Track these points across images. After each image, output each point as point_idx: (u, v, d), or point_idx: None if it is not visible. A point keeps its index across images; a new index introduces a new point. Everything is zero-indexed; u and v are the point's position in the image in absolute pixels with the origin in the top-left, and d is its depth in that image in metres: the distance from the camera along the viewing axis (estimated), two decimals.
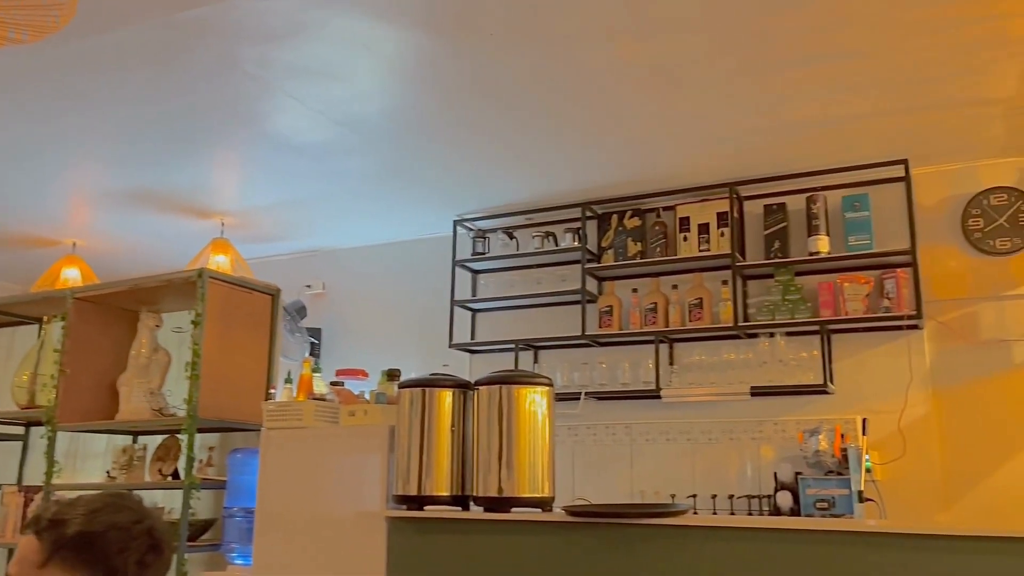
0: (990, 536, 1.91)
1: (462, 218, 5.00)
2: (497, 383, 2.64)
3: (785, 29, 2.95)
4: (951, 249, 4.06)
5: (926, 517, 3.78)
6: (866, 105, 3.53)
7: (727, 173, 4.29)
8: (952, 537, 1.95)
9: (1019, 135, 3.78)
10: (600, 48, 3.10)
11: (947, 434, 3.89)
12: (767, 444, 4.19)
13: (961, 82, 3.32)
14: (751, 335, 4.25)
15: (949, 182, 4.11)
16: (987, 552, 1.91)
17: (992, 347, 3.89)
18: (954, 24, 2.90)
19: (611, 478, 4.47)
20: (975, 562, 1.92)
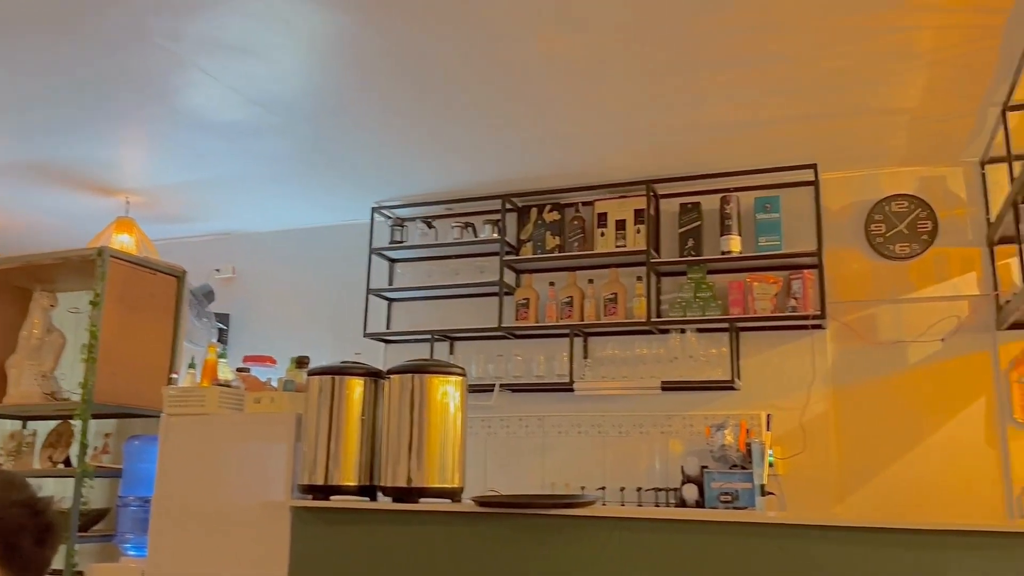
0: (880, 528, 1.98)
1: (380, 205, 4.93)
2: (410, 372, 2.60)
3: (705, 30, 2.99)
4: (854, 253, 4.21)
5: (823, 509, 3.93)
6: (780, 109, 3.62)
7: (645, 171, 4.35)
8: (844, 528, 2.02)
9: (921, 145, 3.95)
10: (525, 39, 3.09)
11: (844, 431, 4.04)
12: (675, 438, 4.27)
13: (870, 91, 3.44)
14: (663, 331, 4.32)
15: (855, 188, 4.27)
16: (877, 543, 1.99)
17: (889, 348, 4.06)
18: (866, 34, 3.00)
19: (523, 470, 4.49)
20: (866, 552, 2.00)
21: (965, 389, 3.92)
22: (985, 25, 2.91)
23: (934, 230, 4.09)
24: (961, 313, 3.99)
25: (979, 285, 3.99)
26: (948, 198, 4.12)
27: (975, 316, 3.96)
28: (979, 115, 3.62)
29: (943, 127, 3.76)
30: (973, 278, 4.01)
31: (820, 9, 2.84)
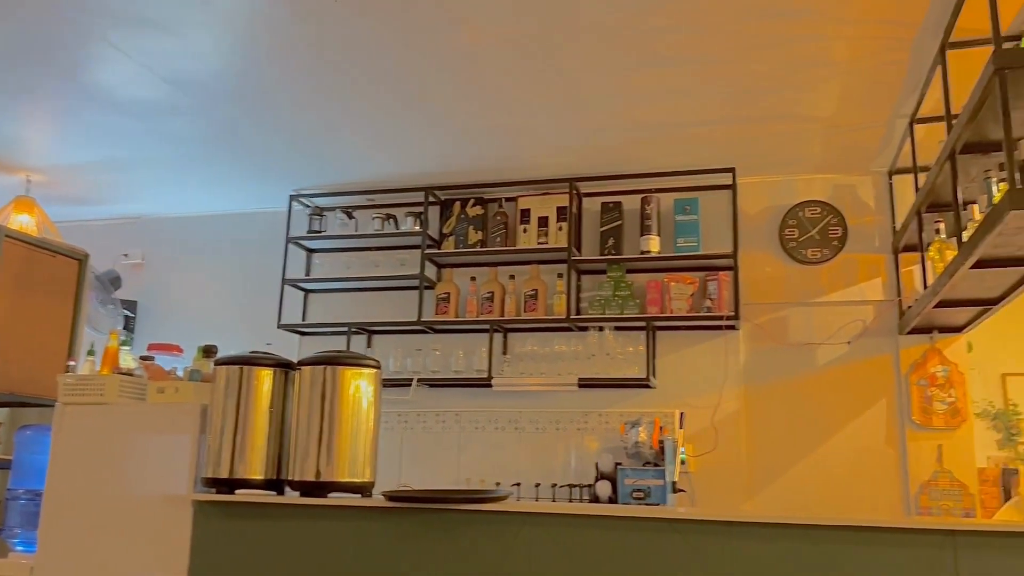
0: (783, 523, 2.02)
1: (299, 193, 4.81)
2: (321, 364, 2.53)
3: (628, 31, 3.01)
4: (768, 256, 4.32)
5: (732, 506, 4.01)
6: (701, 112, 3.68)
7: (569, 169, 4.36)
8: (750, 524, 2.05)
9: (834, 153, 4.07)
10: (453, 31, 3.05)
11: (754, 429, 4.14)
12: (591, 435, 4.30)
13: (786, 98, 3.52)
14: (582, 328, 4.35)
15: (771, 193, 4.37)
16: (781, 538, 2.03)
17: (799, 349, 4.18)
18: (782, 42, 3.06)
19: (438, 465, 4.45)
20: (770, 547, 2.03)
21: (868, 391, 4.06)
22: (895, 38, 3.01)
23: (844, 236, 4.23)
24: (867, 317, 4.13)
25: (884, 291, 4.14)
26: (858, 206, 4.26)
27: (879, 320, 4.11)
28: (888, 126, 3.75)
29: (855, 137, 3.88)
30: (879, 284, 4.16)
31: (740, 15, 2.89)
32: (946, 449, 3.89)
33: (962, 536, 1.90)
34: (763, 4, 2.82)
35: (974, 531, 1.90)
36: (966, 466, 3.88)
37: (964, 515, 3.76)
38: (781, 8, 2.84)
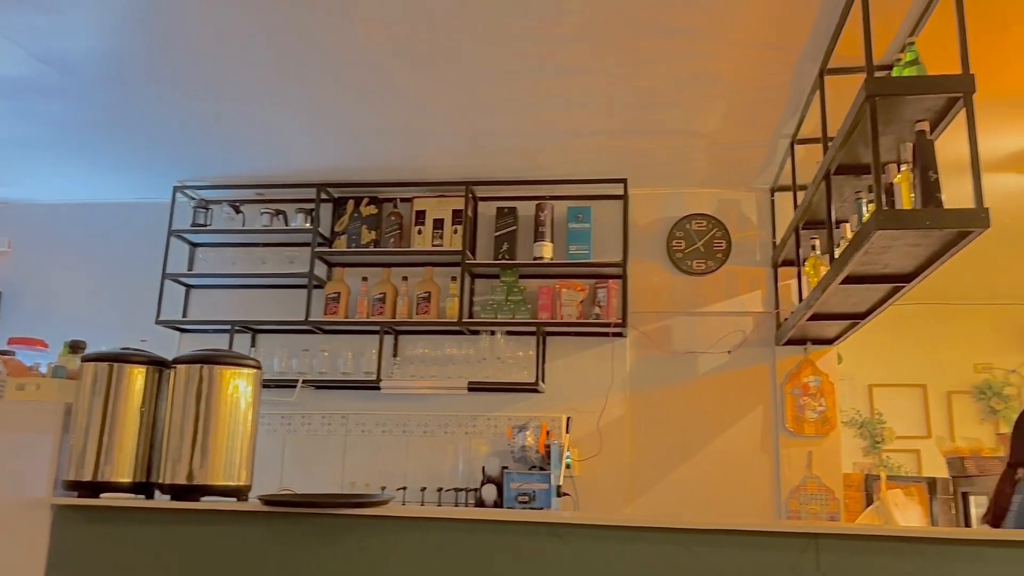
0: (659, 527, 2.07)
1: (184, 185, 4.62)
2: (198, 362, 2.43)
3: (525, 38, 3.03)
4: (656, 266, 4.43)
5: (614, 510, 4.09)
6: (595, 123, 3.74)
7: (465, 172, 4.36)
8: (629, 528, 2.09)
9: (719, 168, 4.21)
10: (348, 27, 2.99)
11: (638, 435, 4.23)
12: (480, 438, 4.30)
13: (675, 114, 3.62)
14: (474, 332, 4.34)
15: (659, 204, 4.49)
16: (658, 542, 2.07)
17: (682, 358, 4.30)
18: (672, 58, 3.15)
19: (323, 469, 4.35)
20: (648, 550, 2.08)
21: (746, 398, 4.22)
22: (778, 62, 3.14)
23: (728, 249, 4.38)
24: (747, 328, 4.30)
25: (763, 303, 4.32)
26: (742, 221, 4.43)
27: (758, 331, 4.28)
28: (771, 146, 3.92)
29: (740, 154, 4.03)
30: (759, 296, 4.33)
31: (633, 30, 2.95)
32: (815, 456, 4.08)
33: (824, 539, 1.99)
34: (655, 21, 2.90)
35: (835, 534, 1.99)
36: (833, 472, 4.08)
37: (830, 518, 3.96)
38: (672, 26, 2.92)
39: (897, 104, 2.50)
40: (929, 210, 2.38)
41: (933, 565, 1.92)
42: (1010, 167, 3.97)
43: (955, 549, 1.93)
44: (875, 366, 6.53)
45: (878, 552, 1.97)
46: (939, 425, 6.52)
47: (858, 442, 6.52)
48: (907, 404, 6.58)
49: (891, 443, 6.44)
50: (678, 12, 2.84)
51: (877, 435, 6.48)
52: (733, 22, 2.89)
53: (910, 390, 6.60)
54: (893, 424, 6.50)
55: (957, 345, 6.57)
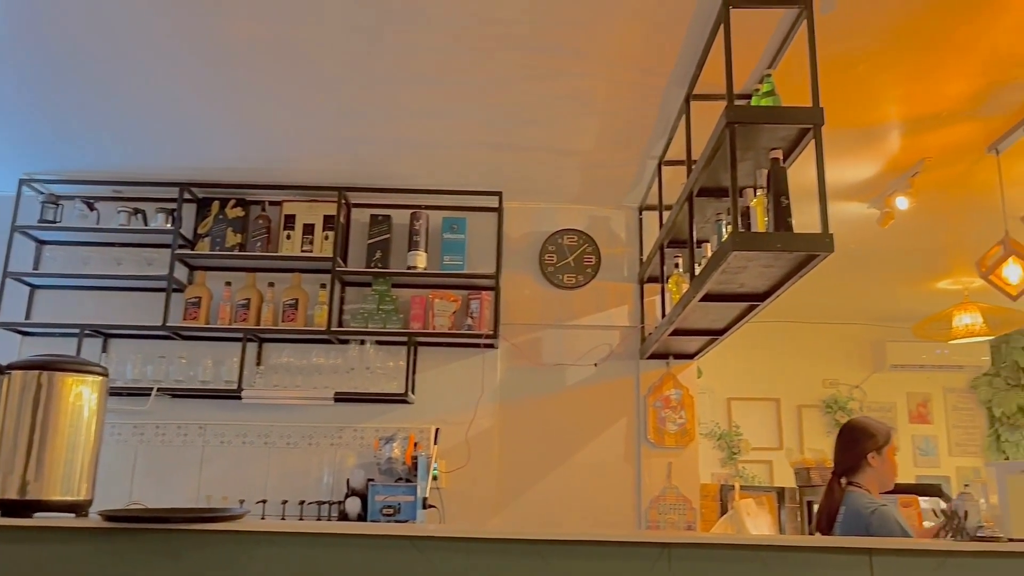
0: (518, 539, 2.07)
1: (31, 178, 4.31)
2: (35, 369, 2.26)
3: (401, 45, 3.00)
4: (528, 279, 4.48)
5: (480, 521, 4.09)
6: (471, 135, 3.75)
7: (339, 177, 4.28)
8: (487, 540, 2.08)
9: (591, 186, 4.31)
10: (218, 20, 2.87)
11: (506, 446, 4.26)
12: (346, 450, 4.21)
13: (549, 130, 3.68)
14: (343, 341, 4.26)
15: (533, 218, 4.55)
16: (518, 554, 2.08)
17: (551, 370, 4.36)
18: (546, 75, 3.20)
19: (177, 482, 4.15)
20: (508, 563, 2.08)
21: (611, 410, 4.32)
22: (648, 85, 3.25)
23: (597, 264, 4.49)
24: (613, 342, 4.41)
25: (629, 317, 4.44)
26: (611, 237, 4.55)
27: (624, 345, 4.40)
28: (640, 166, 4.04)
29: (610, 173, 4.14)
30: (625, 311, 4.45)
31: (507, 45, 2.98)
32: (675, 467, 4.23)
33: (675, 548, 2.05)
34: (528, 38, 2.93)
35: (685, 543, 2.06)
36: (691, 482, 4.23)
37: (687, 527, 4.11)
38: (546, 44, 2.97)
39: (754, 132, 2.63)
40: (781, 233, 2.51)
41: (774, 571, 2.02)
42: (856, 196, 4.26)
43: (792, 556, 2.04)
44: (733, 380, 6.85)
45: (725, 560, 2.05)
46: (790, 437, 6.90)
47: (716, 453, 6.80)
48: (762, 417, 6.92)
49: (747, 454, 6.76)
50: (552, 31, 2.89)
51: (734, 446, 6.79)
52: (605, 44, 2.96)
53: (765, 403, 6.95)
54: (749, 436, 6.83)
55: (807, 361, 6.98)
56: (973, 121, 3.43)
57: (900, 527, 2.70)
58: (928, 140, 3.63)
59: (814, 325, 6.95)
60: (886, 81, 3.15)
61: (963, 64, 3.01)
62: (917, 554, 2.05)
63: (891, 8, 2.69)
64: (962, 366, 6.82)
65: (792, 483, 4.64)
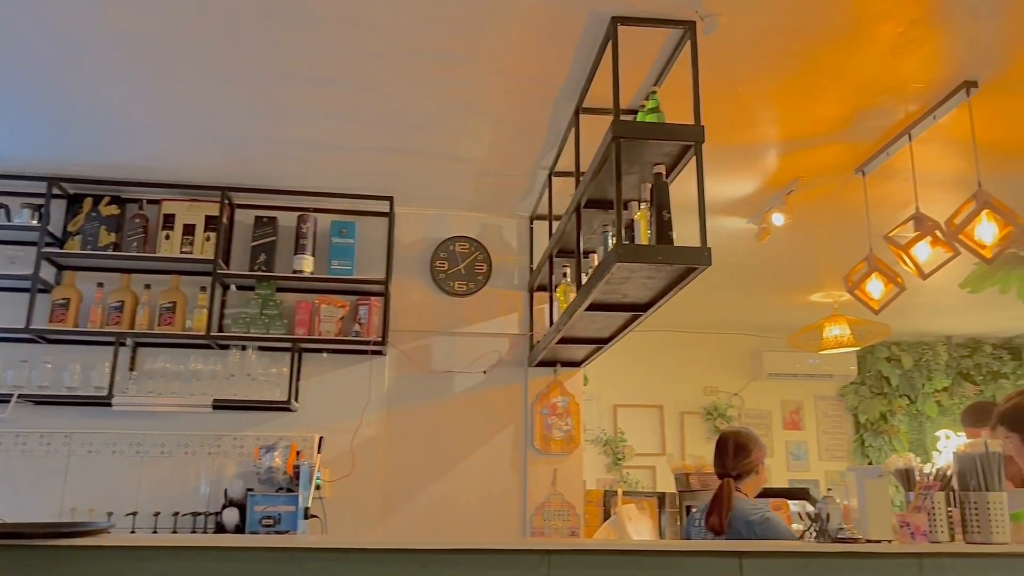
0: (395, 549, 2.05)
1: None
2: None
3: (290, 44, 2.93)
4: (418, 285, 4.46)
5: (363, 531, 4.02)
6: (363, 139, 3.70)
7: (222, 177, 4.13)
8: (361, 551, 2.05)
9: (483, 194, 4.33)
10: (90, 7, 2.73)
11: (392, 454, 4.21)
12: (224, 459, 4.06)
13: (442, 137, 3.67)
14: (223, 346, 4.11)
15: (425, 224, 4.53)
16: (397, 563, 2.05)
17: (440, 377, 4.35)
18: (440, 83, 3.19)
19: (40, 494, 3.90)
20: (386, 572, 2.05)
21: (499, 417, 4.34)
22: (539, 97, 3.29)
23: (488, 272, 4.50)
24: (502, 349, 4.43)
25: (519, 325, 4.48)
26: (502, 245, 4.57)
27: (513, 352, 4.43)
28: (531, 176, 4.09)
29: (502, 181, 4.16)
30: (515, 319, 4.49)
31: (399, 49, 2.95)
32: (560, 473, 4.28)
33: (555, 555, 2.07)
34: (421, 44, 2.92)
35: (565, 550, 2.08)
36: (576, 488, 4.30)
37: (570, 533, 4.16)
38: (439, 51, 2.96)
39: (639, 147, 2.70)
40: (662, 246, 2.59)
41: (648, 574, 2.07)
42: (735, 211, 4.44)
43: (667, 560, 2.10)
44: (619, 387, 7.01)
45: (604, 565, 2.08)
46: (673, 443, 7.11)
47: (602, 459, 6.94)
48: (646, 423, 7.11)
49: (631, 460, 6.93)
50: (444, 38, 2.89)
51: (619, 452, 6.94)
52: (497, 54, 2.98)
53: (649, 410, 7.15)
54: (634, 442, 7.00)
55: (689, 369, 7.22)
56: (842, 144, 3.63)
57: (786, 530, 2.84)
58: (802, 160, 3.82)
59: (696, 335, 7.20)
60: (763, 103, 3.30)
61: (833, 90, 3.19)
62: (784, 556, 2.14)
63: (768, 34, 2.82)
64: (831, 375, 7.20)
65: (673, 488, 4.78)
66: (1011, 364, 7.34)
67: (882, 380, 7.33)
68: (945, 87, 3.14)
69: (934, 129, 3.37)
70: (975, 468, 2.25)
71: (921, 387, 7.27)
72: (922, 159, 3.57)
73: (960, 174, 3.69)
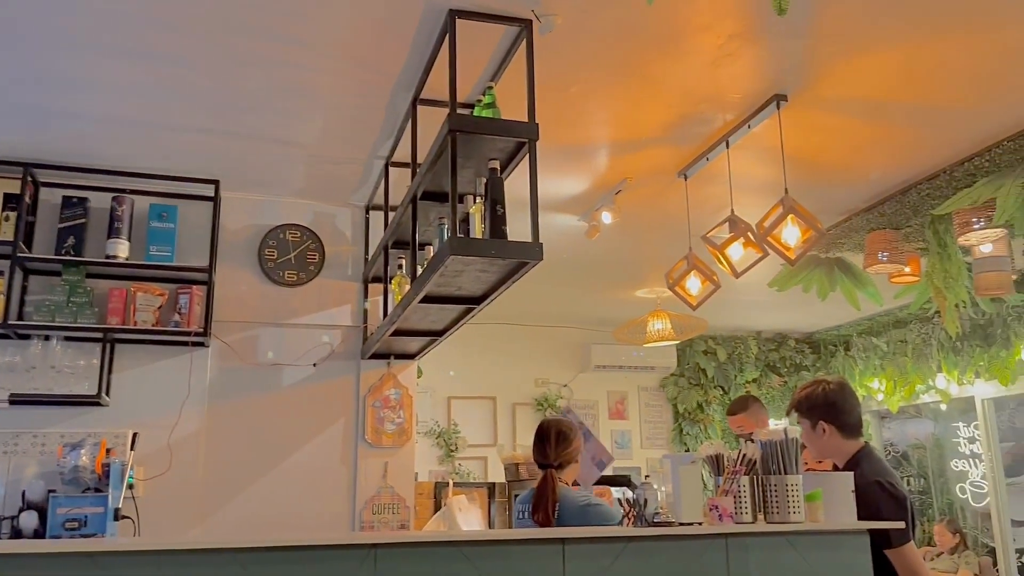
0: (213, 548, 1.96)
1: None
2: None
3: (110, 12, 2.72)
4: (246, 274, 4.27)
5: (180, 531, 3.82)
6: (189, 118, 3.49)
7: (25, 151, 3.78)
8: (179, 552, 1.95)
9: (317, 181, 4.21)
10: None
11: (214, 450, 4.02)
12: (23, 458, 3.73)
13: (273, 120, 3.53)
14: (23, 336, 3.76)
15: (253, 211, 4.35)
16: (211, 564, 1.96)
17: (267, 370, 4.19)
18: (272, 64, 3.06)
19: None
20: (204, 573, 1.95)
21: (329, 411, 4.25)
22: (375, 84, 3.23)
23: (321, 262, 4.39)
24: (334, 341, 4.34)
25: (352, 317, 4.40)
26: (336, 235, 4.47)
27: (345, 345, 4.34)
28: (367, 165, 4.02)
29: (337, 169, 4.07)
30: (348, 310, 4.40)
31: (229, 26, 2.81)
32: (391, 466, 4.25)
33: (382, 548, 2.05)
34: (253, 23, 2.79)
35: (391, 543, 2.07)
36: (407, 481, 4.28)
37: (400, 527, 4.14)
38: (272, 31, 2.84)
39: (475, 141, 2.71)
40: (495, 240, 2.62)
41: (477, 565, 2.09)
42: (567, 209, 4.57)
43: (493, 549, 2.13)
44: (453, 379, 7.05)
45: (431, 557, 2.09)
46: (504, 434, 7.24)
47: (435, 451, 6.96)
48: (479, 415, 7.20)
49: (464, 451, 6.99)
50: (277, 18, 2.77)
51: (452, 444, 6.99)
52: (333, 38, 2.90)
53: (482, 402, 7.24)
54: (467, 434, 7.07)
55: (521, 361, 7.38)
56: (667, 148, 3.82)
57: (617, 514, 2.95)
58: (630, 162, 3.98)
59: (528, 328, 7.37)
60: (595, 104, 3.41)
61: (659, 96, 3.35)
62: (603, 540, 2.23)
63: (601, 38, 2.91)
64: (654, 367, 7.59)
65: (502, 478, 4.86)
66: (811, 357, 8.03)
67: (699, 372, 7.80)
68: (758, 99, 3.37)
69: (749, 138, 3.61)
70: (776, 453, 2.44)
71: (734, 378, 7.80)
72: (738, 165, 3.82)
73: (770, 181, 3.98)
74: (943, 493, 7.77)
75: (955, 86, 3.27)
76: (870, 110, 3.48)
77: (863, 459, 2.67)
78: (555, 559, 2.16)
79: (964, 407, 7.25)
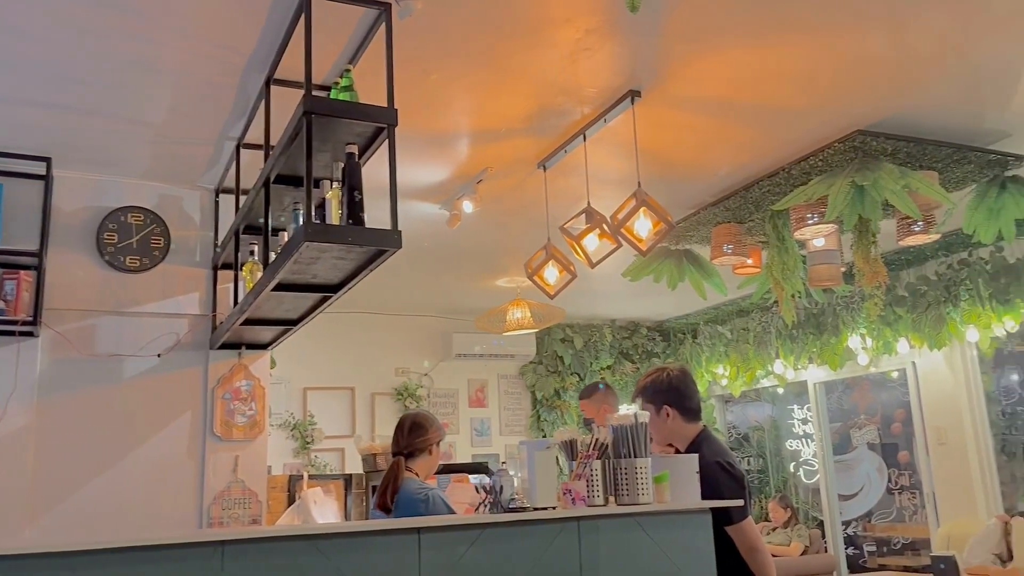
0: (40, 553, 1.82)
1: None
2: None
3: None
4: (82, 259, 3.99)
5: (5, 537, 3.54)
6: (13, 89, 3.21)
7: None
8: None
9: (163, 162, 3.98)
10: None
11: (46, 446, 3.74)
12: None
13: (114, 95, 3.30)
14: None
15: (91, 191, 4.06)
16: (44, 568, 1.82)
17: (106, 361, 3.94)
18: (113, 35, 2.86)
19: None
20: None
21: (175, 404, 4.04)
22: (226, 62, 3.09)
23: (166, 247, 4.16)
24: (181, 331, 4.12)
25: (201, 305, 4.19)
26: (183, 219, 4.25)
27: (193, 334, 4.14)
28: (217, 146, 3.83)
29: (184, 150, 3.86)
30: (196, 298, 4.19)
31: None
32: (242, 460, 4.09)
33: (230, 545, 1.97)
34: None
35: (240, 539, 1.99)
36: (259, 475, 4.14)
37: (251, 522, 4.00)
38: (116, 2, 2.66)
39: (331, 124, 2.64)
40: (352, 227, 2.56)
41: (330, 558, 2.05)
42: (428, 197, 4.54)
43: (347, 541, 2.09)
44: (309, 370, 6.88)
45: (282, 552, 2.03)
46: (363, 424, 7.14)
47: (290, 443, 6.77)
48: (337, 405, 7.06)
49: (320, 443, 6.84)
50: None
51: (308, 436, 6.82)
52: (180, 12, 2.74)
53: (340, 392, 7.11)
54: (323, 425, 6.91)
55: (381, 351, 7.30)
56: (527, 138, 3.87)
57: (447, 507, 2.95)
58: (491, 151, 4.00)
59: (388, 316, 7.29)
60: (456, 93, 3.40)
61: (519, 87, 3.37)
62: (459, 528, 2.24)
63: (461, 25, 2.90)
64: (513, 355, 7.69)
65: (361, 469, 4.80)
66: (661, 344, 8.38)
67: (557, 359, 7.98)
68: (614, 94, 3.46)
69: (605, 131, 3.70)
70: (627, 437, 2.52)
71: (590, 365, 8.02)
72: (594, 158, 3.92)
73: (625, 174, 4.10)
74: (779, 471, 8.33)
75: (794, 89, 3.48)
76: (717, 109, 3.65)
77: (703, 442, 2.79)
78: (411, 549, 2.15)
79: (798, 391, 7.79)
